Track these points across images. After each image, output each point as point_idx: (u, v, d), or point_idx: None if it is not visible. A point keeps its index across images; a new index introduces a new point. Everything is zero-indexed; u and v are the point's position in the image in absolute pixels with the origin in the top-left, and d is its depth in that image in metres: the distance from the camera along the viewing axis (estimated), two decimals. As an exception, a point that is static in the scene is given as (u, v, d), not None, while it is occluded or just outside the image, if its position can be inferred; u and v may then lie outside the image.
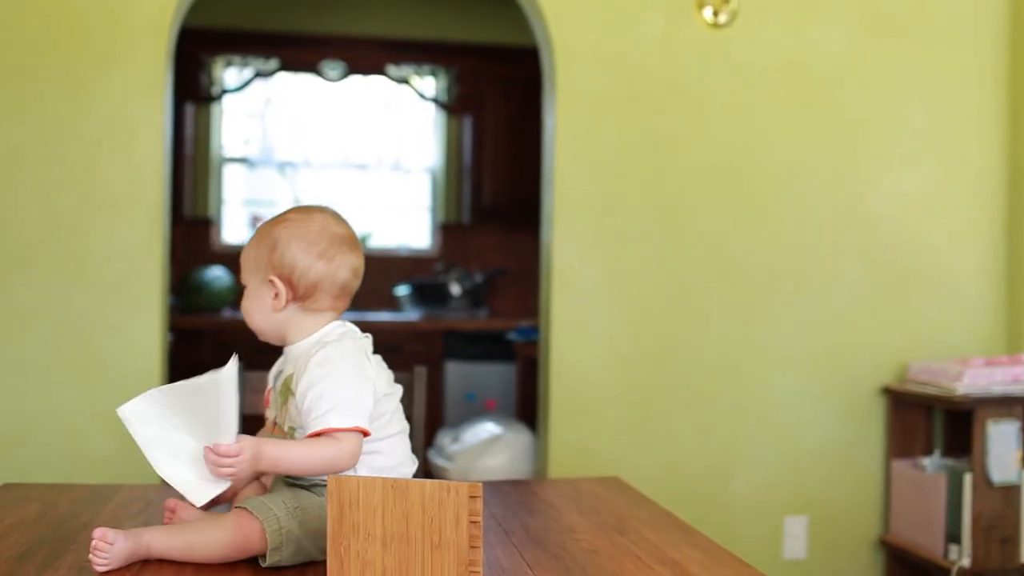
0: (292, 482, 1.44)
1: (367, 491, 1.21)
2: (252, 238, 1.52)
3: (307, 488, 1.43)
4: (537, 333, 3.54)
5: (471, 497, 1.17)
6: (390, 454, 1.48)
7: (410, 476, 1.50)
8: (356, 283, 1.53)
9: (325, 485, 1.39)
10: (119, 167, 2.90)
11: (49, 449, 2.84)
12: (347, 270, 1.50)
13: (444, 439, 4.09)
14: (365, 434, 1.40)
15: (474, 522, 1.18)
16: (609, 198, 3.19)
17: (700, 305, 3.26)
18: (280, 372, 1.52)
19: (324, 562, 1.29)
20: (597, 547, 1.51)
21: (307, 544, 1.37)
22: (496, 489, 1.92)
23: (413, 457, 1.54)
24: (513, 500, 1.86)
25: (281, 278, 1.47)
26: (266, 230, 1.50)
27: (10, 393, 2.84)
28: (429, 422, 4.37)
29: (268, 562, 1.35)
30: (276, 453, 1.36)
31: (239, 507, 1.38)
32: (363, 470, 1.43)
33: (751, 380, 3.30)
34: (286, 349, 1.52)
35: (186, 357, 4.31)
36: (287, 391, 1.45)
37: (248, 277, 1.51)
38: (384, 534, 1.21)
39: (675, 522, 1.68)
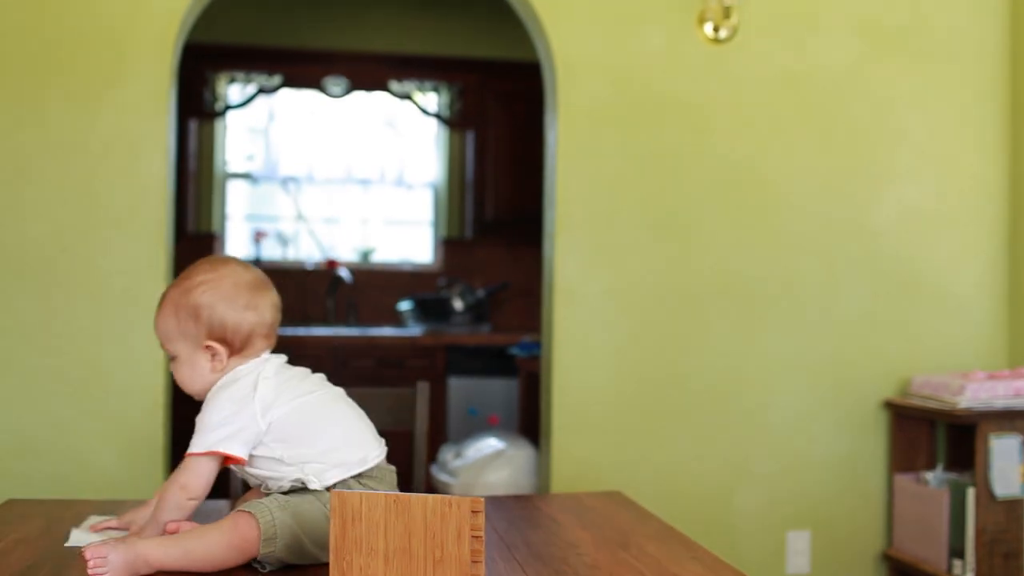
0: (285, 490, 1.47)
1: (369, 506, 1.21)
2: (164, 309, 1.52)
3: (301, 490, 1.45)
4: (539, 348, 3.55)
5: (473, 512, 1.18)
6: (324, 450, 1.47)
7: (370, 459, 1.50)
8: (280, 315, 1.58)
9: (320, 491, 1.44)
10: (123, 183, 2.91)
11: (52, 464, 2.85)
12: (271, 310, 1.55)
13: (447, 454, 4.09)
14: (230, 459, 1.44)
15: (476, 537, 1.18)
16: (611, 212, 3.20)
17: (702, 319, 3.26)
18: None
19: (325, 565, 1.30)
20: (599, 562, 1.52)
21: (302, 537, 1.38)
22: (498, 504, 1.92)
23: (370, 442, 1.53)
24: (515, 515, 1.86)
25: (217, 340, 1.50)
26: (180, 298, 1.51)
27: (13, 407, 2.85)
28: (432, 437, 4.37)
29: (262, 552, 1.36)
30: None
31: (236, 510, 1.41)
32: (311, 476, 1.44)
33: (753, 394, 3.30)
34: None
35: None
36: None
37: (175, 347, 1.52)
38: (387, 549, 1.21)
39: (678, 537, 1.68)
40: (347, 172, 5.56)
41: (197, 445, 1.44)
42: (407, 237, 5.73)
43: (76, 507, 1.81)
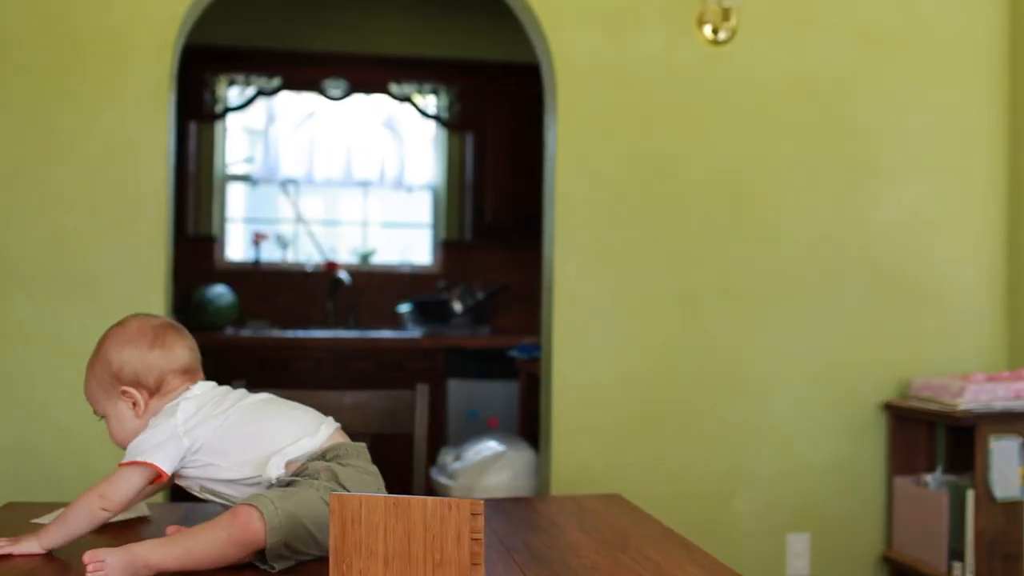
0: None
1: (369, 509, 1.21)
2: (86, 373, 1.57)
3: (292, 484, 1.45)
4: (539, 350, 3.55)
5: (473, 514, 1.18)
6: (270, 449, 1.49)
7: (321, 433, 1.52)
8: (196, 355, 1.60)
9: (308, 479, 1.45)
10: (123, 185, 2.91)
11: (52, 466, 2.85)
12: (183, 349, 1.58)
13: (446, 457, 4.09)
14: (160, 474, 1.47)
15: (476, 539, 1.18)
16: (610, 214, 3.20)
17: (702, 321, 3.27)
18: None
19: (326, 559, 1.29)
20: (599, 564, 1.51)
21: (307, 523, 1.38)
22: (498, 506, 1.92)
23: (310, 421, 1.55)
24: (515, 517, 1.86)
25: (131, 385, 1.53)
26: (93, 358, 1.57)
27: (13, 410, 2.85)
28: (431, 440, 4.37)
29: (271, 541, 1.35)
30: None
31: (234, 505, 1.41)
32: (271, 470, 1.47)
33: (753, 396, 3.30)
34: None
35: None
36: None
37: (102, 407, 1.56)
38: (386, 552, 1.21)
39: (677, 539, 1.68)
40: (346, 174, 5.56)
41: (126, 456, 1.49)
42: (407, 239, 5.73)
43: (75, 510, 1.80)
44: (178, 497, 2.23)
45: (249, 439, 1.50)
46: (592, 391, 3.18)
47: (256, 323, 5.22)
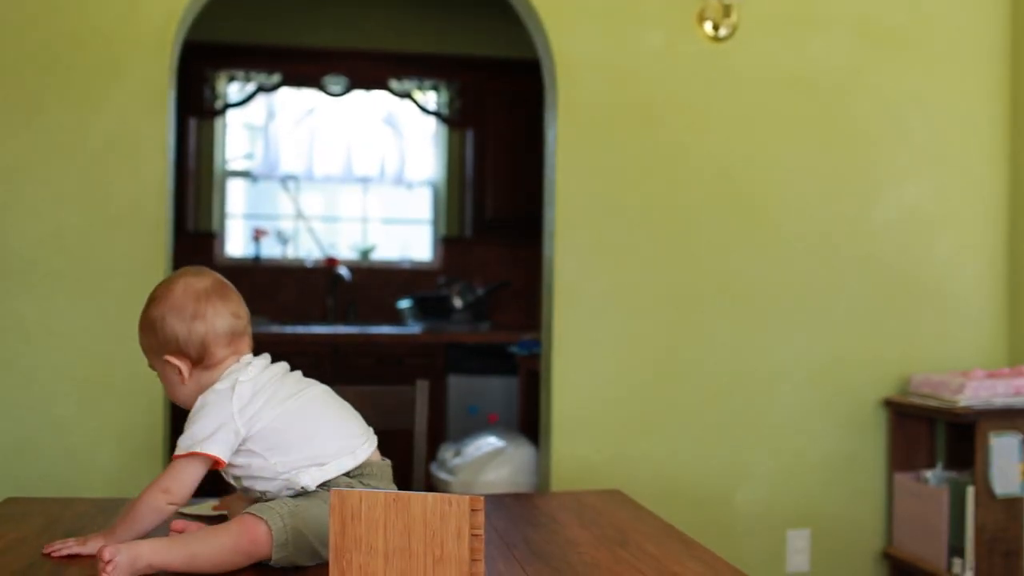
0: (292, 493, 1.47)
1: (369, 505, 1.21)
2: (139, 331, 1.54)
3: (306, 496, 1.45)
4: (539, 346, 3.55)
5: (473, 510, 1.18)
6: (312, 454, 1.47)
7: (360, 454, 1.51)
8: (242, 322, 1.55)
9: (323, 492, 1.45)
10: (123, 181, 2.91)
11: (52, 463, 2.85)
12: (224, 319, 1.52)
13: (446, 453, 4.09)
14: (217, 462, 1.44)
15: (476, 535, 1.18)
16: (610, 211, 3.20)
17: (702, 318, 3.26)
18: None
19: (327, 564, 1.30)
20: (599, 560, 1.52)
21: (313, 541, 1.39)
22: (498, 502, 1.92)
23: (357, 436, 1.53)
24: (515, 513, 1.86)
25: (173, 353, 1.50)
26: (144, 316, 1.53)
27: (14, 406, 2.85)
28: (431, 435, 4.37)
29: (276, 557, 1.36)
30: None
31: (243, 513, 1.40)
32: (305, 478, 1.46)
33: (752, 392, 3.30)
34: None
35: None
36: None
37: (153, 363, 1.55)
38: (386, 548, 1.21)
39: (677, 535, 1.68)
40: (347, 170, 5.56)
41: (179, 447, 1.45)
42: (407, 235, 5.73)
43: (75, 506, 1.81)
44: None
45: (300, 439, 1.47)
46: (592, 387, 3.18)
47: (256, 319, 5.20)
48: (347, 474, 1.48)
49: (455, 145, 5.65)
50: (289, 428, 1.47)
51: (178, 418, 3.25)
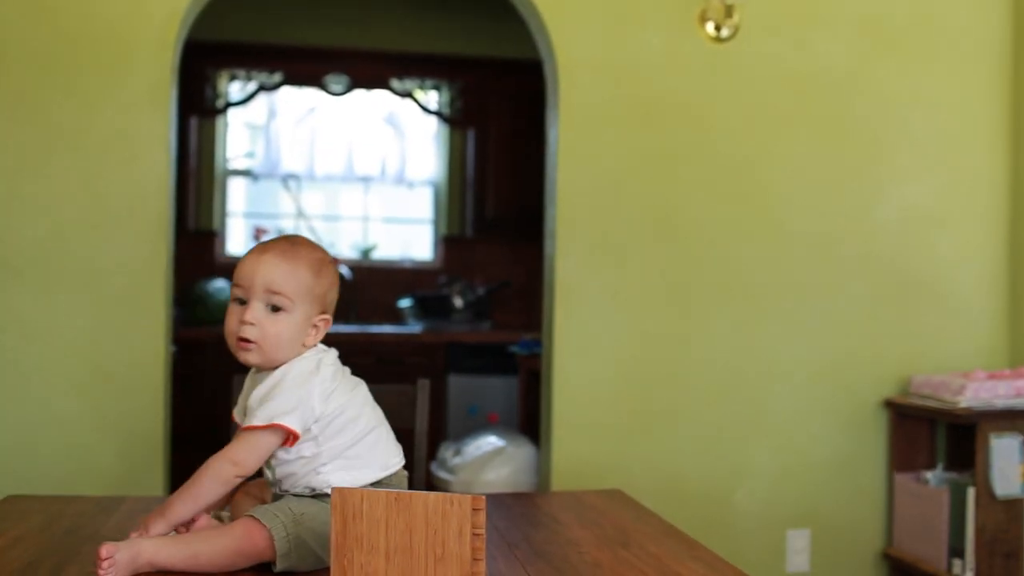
0: (297, 493, 1.45)
1: (370, 504, 1.21)
2: (302, 262, 1.44)
3: (311, 497, 1.44)
4: (540, 346, 3.55)
5: (474, 510, 1.18)
6: (355, 453, 1.46)
7: (391, 465, 1.49)
8: None
9: (329, 494, 1.41)
10: (124, 180, 2.91)
11: (52, 460, 2.84)
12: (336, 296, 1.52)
13: (446, 452, 4.08)
14: (291, 434, 1.39)
15: (477, 535, 1.18)
16: (612, 211, 3.20)
17: (703, 318, 3.26)
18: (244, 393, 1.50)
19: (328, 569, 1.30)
20: (600, 560, 1.51)
21: (316, 549, 1.39)
22: (499, 502, 1.92)
23: (392, 448, 1.52)
24: (516, 513, 1.86)
25: (320, 305, 1.47)
26: (323, 265, 1.46)
27: (13, 404, 2.85)
28: (431, 435, 4.37)
29: (279, 567, 1.36)
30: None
31: (246, 516, 1.39)
32: (342, 473, 1.43)
33: (753, 392, 3.30)
34: (259, 372, 1.48)
35: (188, 369, 4.32)
36: (243, 409, 1.47)
37: (291, 302, 1.43)
38: (387, 547, 1.21)
39: (678, 535, 1.68)
40: (348, 170, 5.56)
41: (258, 418, 1.39)
42: (407, 235, 5.73)
43: (76, 503, 1.81)
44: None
45: (360, 435, 1.45)
46: (593, 387, 3.18)
47: (257, 318, 5.21)
48: (374, 483, 1.46)
49: (456, 145, 5.65)
50: (354, 421, 1.44)
51: (178, 418, 3.26)
